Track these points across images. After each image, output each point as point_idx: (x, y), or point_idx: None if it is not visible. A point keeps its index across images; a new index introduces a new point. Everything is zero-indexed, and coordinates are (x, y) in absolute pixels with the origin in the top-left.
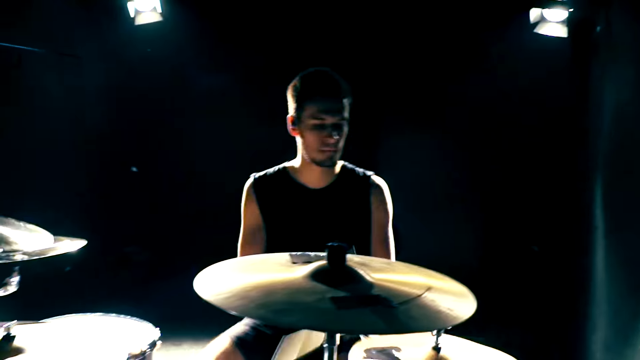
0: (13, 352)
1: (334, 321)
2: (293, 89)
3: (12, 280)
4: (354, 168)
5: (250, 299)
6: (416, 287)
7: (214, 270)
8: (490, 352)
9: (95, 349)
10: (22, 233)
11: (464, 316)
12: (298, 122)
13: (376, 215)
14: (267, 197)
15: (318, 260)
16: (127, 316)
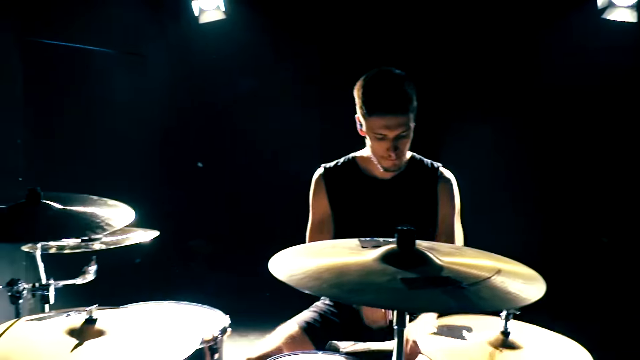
0: (95, 334)
1: (405, 300)
2: (358, 95)
3: (91, 269)
4: (422, 159)
5: (323, 279)
6: (485, 270)
7: (285, 254)
8: (558, 338)
9: (171, 333)
10: (106, 209)
11: (534, 298)
12: (363, 127)
13: (443, 207)
14: (335, 187)
15: (387, 245)
16: (198, 304)
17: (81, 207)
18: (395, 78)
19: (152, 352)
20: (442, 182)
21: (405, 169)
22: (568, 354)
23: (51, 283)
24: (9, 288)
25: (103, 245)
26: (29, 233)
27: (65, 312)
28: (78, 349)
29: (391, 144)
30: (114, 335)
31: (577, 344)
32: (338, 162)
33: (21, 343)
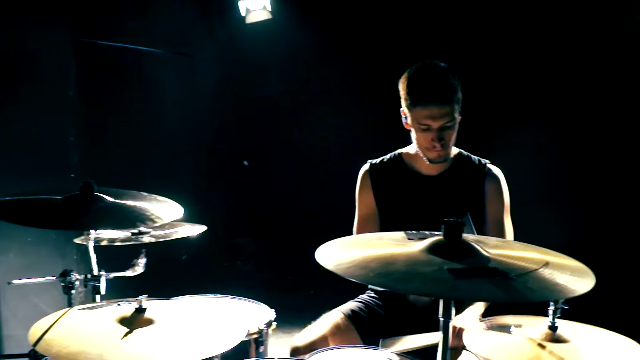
0: (144, 323)
1: (452, 289)
2: (402, 87)
3: (140, 262)
4: (470, 156)
5: (370, 268)
6: (533, 262)
7: (331, 245)
8: (607, 334)
9: (217, 325)
10: (155, 204)
11: (582, 290)
12: (408, 119)
13: (491, 204)
14: (381, 183)
15: (433, 237)
16: (244, 298)
17: (132, 201)
18: (440, 69)
19: (199, 342)
20: (489, 179)
21: (451, 166)
22: (618, 348)
23: (102, 274)
24: (62, 279)
25: (152, 239)
26: (81, 222)
27: (115, 302)
28: (128, 337)
29: (436, 135)
30: (162, 324)
31: (628, 338)
32: (384, 159)
33: (73, 330)
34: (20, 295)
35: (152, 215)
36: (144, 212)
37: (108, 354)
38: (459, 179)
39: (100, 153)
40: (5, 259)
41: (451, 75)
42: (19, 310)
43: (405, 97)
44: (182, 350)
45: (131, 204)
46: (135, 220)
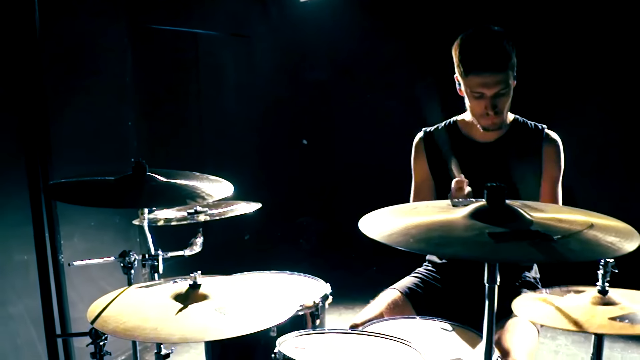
0: (199, 298)
1: (491, 252)
2: (455, 54)
3: (197, 241)
4: (526, 121)
5: (410, 235)
6: (578, 224)
7: (377, 214)
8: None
9: (271, 299)
10: (206, 183)
11: (626, 250)
12: (461, 86)
13: (547, 170)
14: (436, 151)
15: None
16: (300, 274)
17: (183, 180)
18: (493, 35)
19: (252, 315)
20: (547, 144)
21: (507, 132)
22: None
23: (159, 254)
24: (120, 259)
25: (207, 217)
26: (132, 201)
27: (172, 280)
28: (182, 312)
29: (490, 103)
30: (217, 300)
31: None
32: (439, 126)
33: (130, 307)
34: (87, 279)
35: (202, 193)
36: (194, 190)
37: (162, 327)
38: (515, 144)
39: (159, 137)
40: (70, 243)
41: (505, 41)
42: (85, 292)
43: (458, 64)
44: (235, 323)
45: (182, 183)
46: (186, 197)
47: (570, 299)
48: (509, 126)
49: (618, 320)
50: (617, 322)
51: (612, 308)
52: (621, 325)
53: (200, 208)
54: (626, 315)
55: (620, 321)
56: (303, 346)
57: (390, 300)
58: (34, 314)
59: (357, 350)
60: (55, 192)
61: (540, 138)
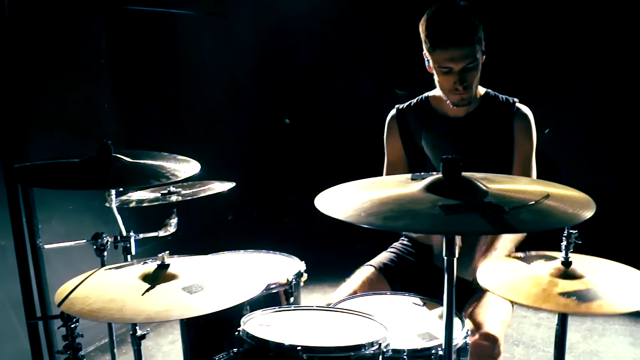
0: (166, 278)
1: (441, 224)
2: (422, 30)
3: (172, 222)
4: (498, 95)
5: (362, 209)
6: (534, 195)
7: (333, 190)
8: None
9: (241, 278)
10: (173, 163)
11: (579, 220)
12: (430, 63)
13: (519, 144)
14: (408, 128)
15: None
16: (276, 252)
17: (150, 160)
18: (458, 9)
19: (219, 293)
20: (518, 118)
21: (479, 105)
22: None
23: (132, 235)
24: (93, 242)
25: (179, 198)
26: (97, 182)
27: (142, 261)
28: (150, 292)
29: (458, 77)
30: (185, 279)
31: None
32: (411, 103)
33: (98, 289)
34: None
35: (167, 172)
36: (159, 170)
37: (128, 308)
38: (486, 119)
39: (137, 119)
40: (49, 226)
41: (471, 15)
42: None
43: (425, 40)
44: (201, 302)
45: (148, 163)
46: (150, 177)
47: (537, 267)
48: (480, 100)
49: (566, 297)
50: (564, 298)
51: (570, 282)
52: (566, 302)
53: (173, 188)
54: (577, 292)
55: (567, 297)
56: (268, 323)
57: (365, 277)
58: (13, 298)
59: (323, 326)
60: (19, 176)
61: (511, 112)
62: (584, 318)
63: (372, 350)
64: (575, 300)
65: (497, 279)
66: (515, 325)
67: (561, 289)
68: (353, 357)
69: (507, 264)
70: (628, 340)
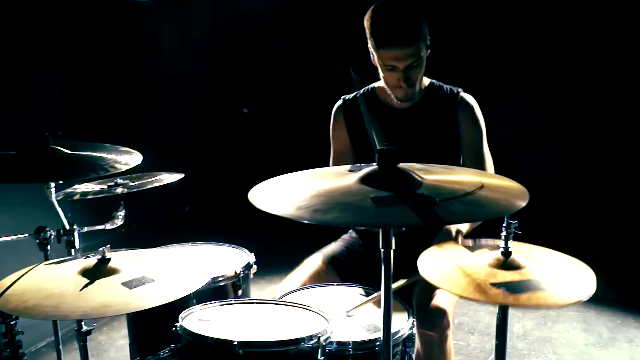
0: (107, 273)
1: (370, 217)
2: (367, 26)
3: (119, 214)
4: (442, 85)
5: (291, 202)
6: (469, 186)
7: (268, 183)
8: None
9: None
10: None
11: (508, 211)
12: (375, 57)
13: (466, 134)
14: (354, 119)
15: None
16: (225, 244)
17: (91, 152)
18: (402, 7)
19: (159, 287)
20: (462, 107)
21: (423, 96)
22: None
23: (75, 229)
24: (35, 236)
25: (125, 190)
26: (34, 175)
27: (84, 255)
28: (88, 288)
29: (402, 75)
30: (126, 274)
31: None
32: (357, 94)
33: (36, 285)
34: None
35: (106, 164)
36: (99, 161)
37: (64, 304)
38: (431, 109)
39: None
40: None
41: (415, 13)
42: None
43: (369, 37)
44: (140, 297)
45: (88, 154)
46: (88, 170)
47: (478, 257)
48: (424, 91)
49: (496, 287)
50: (493, 289)
51: (506, 272)
52: (495, 293)
53: (120, 180)
54: (509, 283)
55: (497, 288)
56: (207, 318)
57: (314, 267)
58: None
59: (264, 320)
60: None
61: (455, 102)
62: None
63: (311, 343)
64: (505, 291)
65: (435, 269)
66: (471, 314)
67: (494, 280)
68: (293, 350)
69: (450, 253)
70: (581, 327)
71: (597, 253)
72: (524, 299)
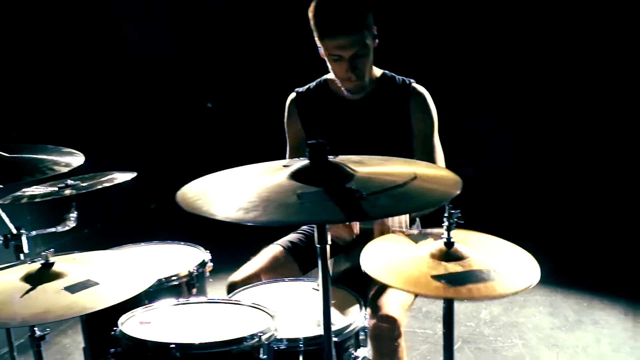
0: (50, 278)
1: (292, 214)
2: (311, 18)
3: (72, 216)
4: (394, 76)
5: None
6: (402, 177)
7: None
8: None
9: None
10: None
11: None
12: (321, 50)
13: (417, 125)
14: (308, 111)
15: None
16: (180, 242)
17: (31, 154)
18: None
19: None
20: (414, 98)
21: (375, 87)
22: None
23: (23, 233)
24: None
25: (74, 191)
26: None
27: (30, 260)
28: (30, 294)
29: (349, 65)
30: (70, 278)
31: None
32: (310, 86)
33: None
34: None
35: (44, 167)
36: (37, 164)
37: (4, 312)
38: (383, 100)
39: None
40: None
41: (358, 1)
42: None
43: (314, 28)
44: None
45: (26, 157)
46: (23, 173)
47: (422, 248)
48: (376, 81)
49: (436, 280)
50: (434, 282)
51: (448, 264)
52: (436, 286)
53: (71, 181)
54: (449, 275)
55: (437, 280)
56: (148, 321)
57: (272, 255)
58: None
59: (207, 320)
60: None
61: (406, 93)
62: None
63: (252, 342)
64: (445, 283)
65: (378, 262)
66: (438, 302)
67: (435, 272)
68: (235, 350)
69: (394, 245)
70: (547, 311)
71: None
72: (465, 291)
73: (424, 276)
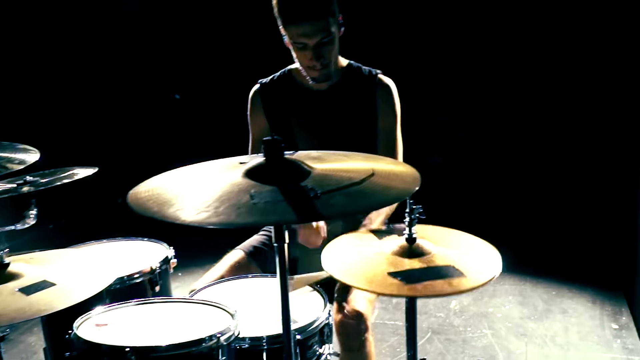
0: (6, 278)
1: (242, 215)
2: (274, 5)
3: (31, 213)
4: (361, 67)
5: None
6: (360, 174)
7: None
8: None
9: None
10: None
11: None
12: (286, 38)
13: (382, 117)
14: (272, 103)
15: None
16: (143, 239)
17: None
18: None
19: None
20: (380, 90)
21: (341, 77)
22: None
23: None
24: None
25: (32, 188)
26: None
27: None
28: None
29: (313, 53)
30: (26, 279)
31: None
32: (274, 77)
33: None
34: None
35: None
36: None
37: None
38: (349, 91)
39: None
40: None
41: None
42: None
43: (277, 16)
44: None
45: None
46: None
47: (384, 245)
48: (342, 72)
49: (393, 278)
50: (390, 279)
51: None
52: (392, 283)
53: (30, 178)
54: (405, 272)
55: (394, 278)
56: (105, 323)
57: (234, 261)
58: None
59: (167, 321)
60: None
61: (373, 84)
62: None
63: (211, 344)
64: (401, 281)
65: (339, 260)
66: None
67: (393, 269)
68: (194, 352)
69: (356, 242)
70: (517, 300)
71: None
72: (420, 288)
73: (381, 274)
